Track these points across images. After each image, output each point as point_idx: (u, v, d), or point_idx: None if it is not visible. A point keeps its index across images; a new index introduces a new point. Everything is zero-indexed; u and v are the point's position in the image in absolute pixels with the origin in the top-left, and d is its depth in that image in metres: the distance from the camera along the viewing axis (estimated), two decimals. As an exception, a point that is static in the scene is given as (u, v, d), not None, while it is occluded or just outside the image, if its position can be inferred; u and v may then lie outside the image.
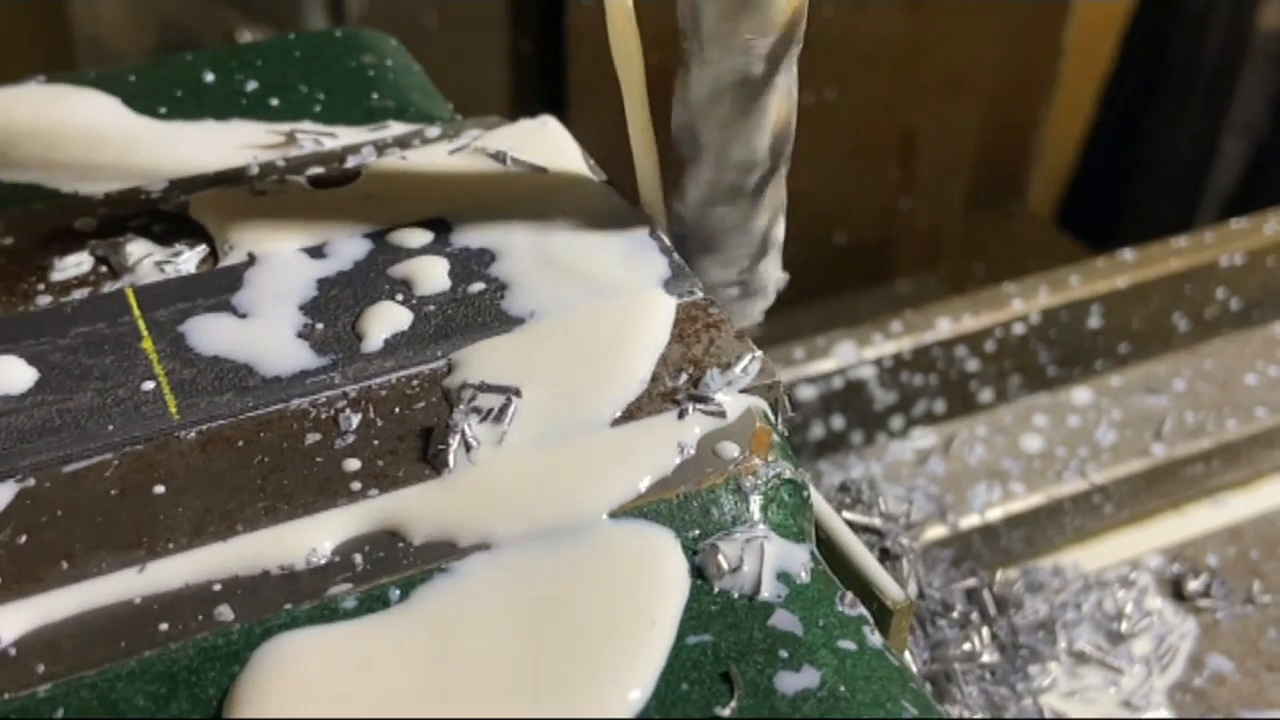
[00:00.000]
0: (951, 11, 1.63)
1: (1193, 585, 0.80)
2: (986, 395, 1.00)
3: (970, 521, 0.86)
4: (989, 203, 1.88)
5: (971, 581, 0.75)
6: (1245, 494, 0.92)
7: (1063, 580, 0.82)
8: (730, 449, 0.47)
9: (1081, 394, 0.95)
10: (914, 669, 0.63)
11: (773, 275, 0.60)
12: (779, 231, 0.58)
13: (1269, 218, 1.07)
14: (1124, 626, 0.77)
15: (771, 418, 0.50)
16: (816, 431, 0.97)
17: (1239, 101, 1.83)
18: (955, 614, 0.67)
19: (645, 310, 0.51)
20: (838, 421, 0.97)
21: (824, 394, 0.97)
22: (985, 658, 0.66)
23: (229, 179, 0.58)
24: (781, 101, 0.52)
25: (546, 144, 0.60)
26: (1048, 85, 1.82)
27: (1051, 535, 0.89)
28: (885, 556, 0.63)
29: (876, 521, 0.63)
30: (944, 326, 0.98)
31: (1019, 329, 1.00)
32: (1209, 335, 1.03)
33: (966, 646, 0.66)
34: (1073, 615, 0.77)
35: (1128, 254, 1.03)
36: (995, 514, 0.86)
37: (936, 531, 0.85)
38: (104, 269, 0.53)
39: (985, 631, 0.69)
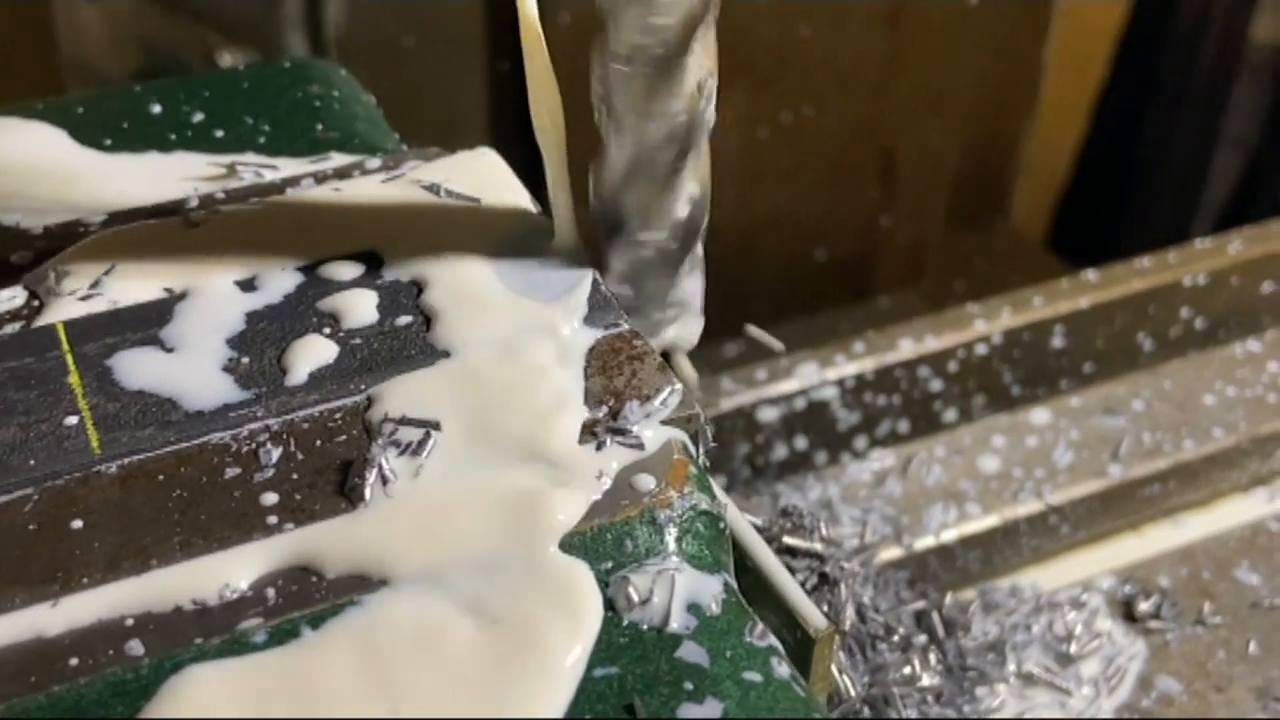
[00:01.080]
0: (930, 29, 1.63)
1: (1143, 606, 0.81)
2: (950, 416, 1.01)
3: (926, 543, 0.86)
4: (970, 219, 1.89)
5: (920, 604, 0.75)
6: (1203, 514, 0.92)
7: (1018, 601, 0.83)
8: (647, 481, 0.48)
9: (1040, 414, 0.95)
10: (853, 693, 0.64)
11: (696, 289, 0.60)
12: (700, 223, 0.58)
13: (1232, 238, 1.07)
14: (1073, 648, 0.78)
15: (691, 450, 0.50)
16: (780, 453, 0.98)
17: (1233, 114, 1.84)
18: (896, 637, 0.67)
19: (563, 343, 0.51)
20: (800, 443, 0.98)
21: (786, 415, 0.97)
22: (925, 680, 0.67)
23: (167, 211, 0.59)
24: (696, 69, 0.52)
25: (482, 175, 0.61)
26: (1028, 102, 1.83)
27: (1008, 556, 0.90)
28: (824, 581, 0.63)
29: (817, 546, 0.64)
30: (906, 347, 0.98)
31: (982, 349, 1.00)
32: (1173, 356, 1.04)
33: (906, 670, 0.66)
34: (1022, 637, 0.78)
35: (1091, 274, 1.04)
36: (951, 535, 0.87)
37: (892, 553, 0.85)
38: (36, 303, 0.54)
39: (932, 655, 0.70)
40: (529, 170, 0.65)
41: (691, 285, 0.60)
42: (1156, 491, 0.91)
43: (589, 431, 0.49)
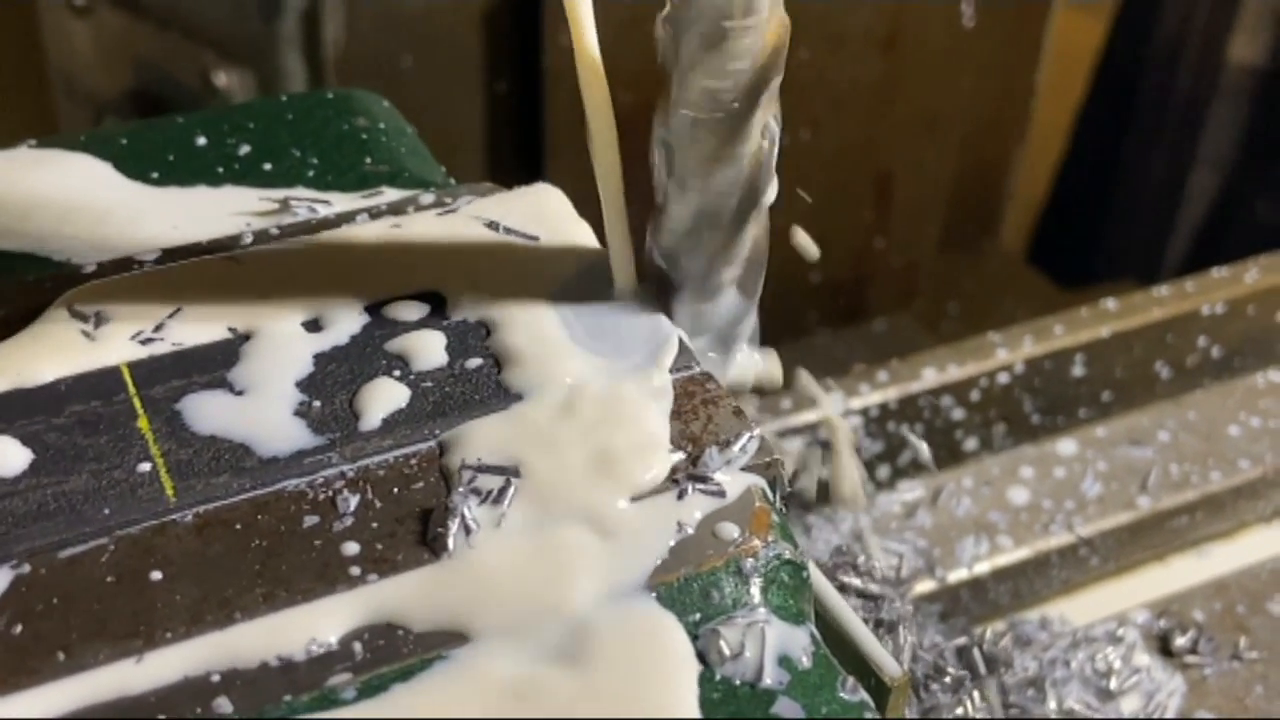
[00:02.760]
0: (925, 53, 1.64)
1: (1180, 641, 0.81)
2: (972, 444, 1.01)
3: (959, 575, 0.86)
4: (963, 242, 1.90)
5: (962, 640, 0.75)
6: (1229, 545, 0.93)
7: (1050, 635, 0.83)
8: (730, 530, 0.47)
9: (1067, 445, 0.95)
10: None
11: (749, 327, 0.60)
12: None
13: (1249, 266, 1.08)
14: (1113, 684, 0.78)
15: (770, 496, 0.50)
16: (804, 482, 0.97)
17: (1210, 135, 1.85)
18: (948, 678, 0.67)
19: (643, 387, 0.51)
20: (825, 473, 0.97)
21: (811, 444, 0.97)
22: (977, 721, 0.66)
23: (222, 248, 0.58)
24: (758, 137, 0.52)
25: (541, 211, 0.60)
26: (1021, 125, 1.84)
27: (1038, 588, 0.89)
28: (879, 625, 0.63)
29: (873, 587, 0.63)
30: (929, 376, 0.98)
31: (1003, 378, 1.00)
32: (1191, 384, 1.04)
33: (960, 711, 0.66)
34: (1062, 673, 0.77)
35: (1110, 303, 1.04)
36: (983, 568, 0.87)
37: (925, 586, 0.85)
38: (94, 343, 0.53)
39: (976, 695, 0.69)
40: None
41: (751, 323, 0.60)
42: (1184, 523, 0.92)
43: (669, 479, 0.48)
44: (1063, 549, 0.88)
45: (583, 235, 0.59)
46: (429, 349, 0.53)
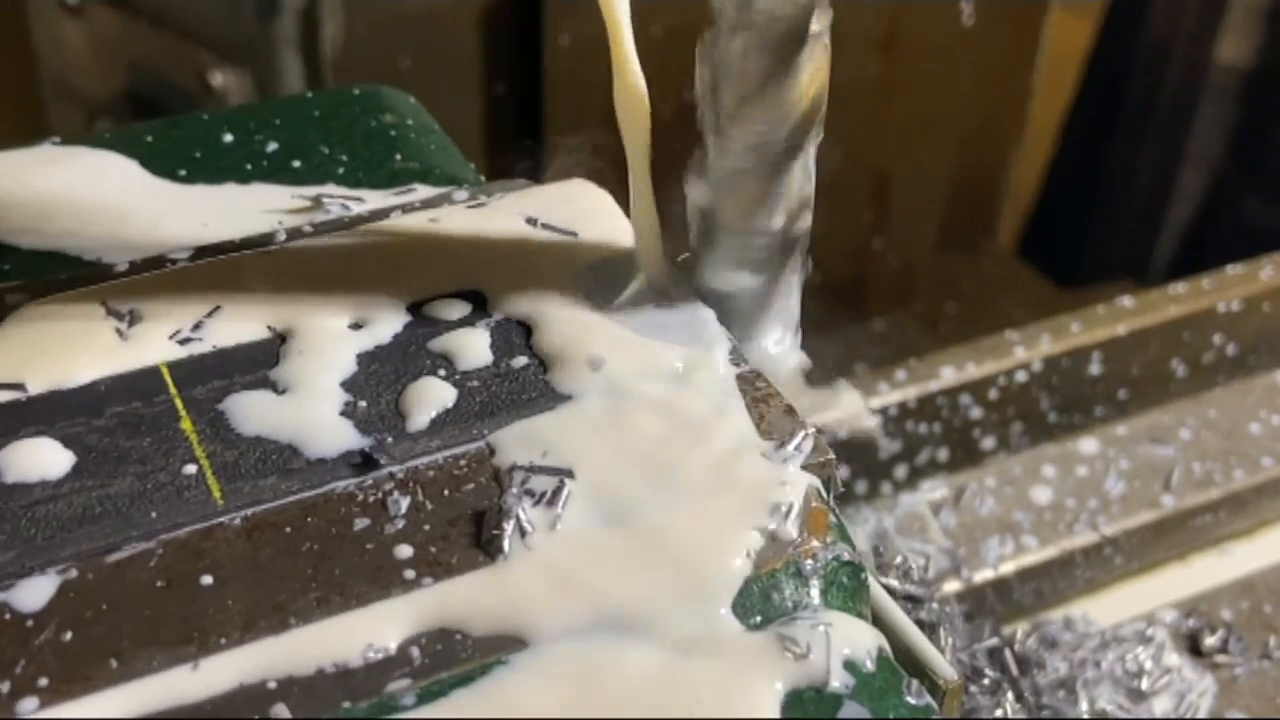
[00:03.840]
0: (922, 55, 1.64)
1: (1209, 641, 0.80)
2: (989, 443, 1.00)
3: (984, 575, 0.85)
4: (960, 241, 1.90)
5: (994, 641, 0.74)
6: (1251, 543, 0.92)
7: (1077, 635, 0.82)
8: (789, 530, 0.46)
9: (1089, 444, 0.95)
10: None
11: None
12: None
13: (1264, 264, 1.08)
14: (1144, 684, 0.77)
15: (825, 496, 0.49)
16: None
17: (1197, 135, 1.86)
18: (986, 680, 0.66)
19: (701, 383, 0.50)
20: (843, 472, 0.97)
21: (830, 444, 0.96)
22: (1016, 723, 0.66)
23: (255, 245, 0.57)
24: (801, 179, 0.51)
25: (580, 206, 0.59)
26: (1017, 125, 1.84)
27: (1063, 588, 0.89)
28: (919, 626, 0.62)
29: (911, 588, 0.63)
30: (948, 375, 0.98)
31: (1021, 376, 1.00)
32: (1208, 382, 1.04)
33: (999, 713, 0.65)
34: (1093, 674, 0.77)
35: (1127, 301, 1.04)
36: (1009, 568, 0.86)
37: (951, 586, 0.84)
38: (129, 342, 0.52)
39: (1010, 696, 0.69)
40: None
41: (792, 302, 0.59)
42: (1208, 521, 0.91)
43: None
44: (1087, 548, 0.88)
45: (623, 230, 0.58)
46: (473, 348, 0.52)
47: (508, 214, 0.58)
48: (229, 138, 0.65)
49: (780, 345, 0.56)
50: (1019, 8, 1.74)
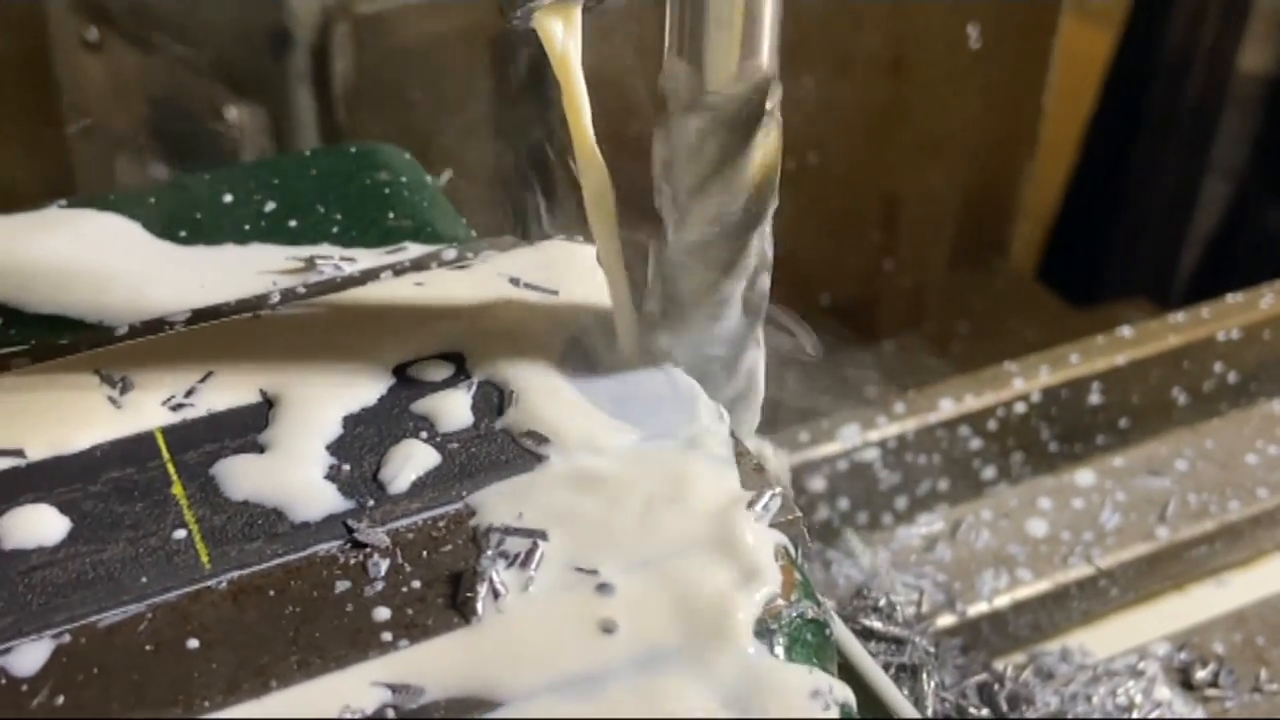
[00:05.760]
0: (931, 76, 1.65)
1: (1200, 675, 0.81)
2: (990, 474, 1.01)
3: (979, 609, 0.87)
4: (971, 261, 1.90)
5: (983, 677, 0.75)
6: (1247, 574, 0.93)
7: (1071, 668, 0.83)
8: (756, 590, 0.48)
9: (1085, 476, 0.96)
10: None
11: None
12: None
13: (1264, 292, 1.09)
14: (1135, 717, 0.78)
15: (792, 554, 0.50)
16: (822, 514, 0.98)
17: (1220, 145, 1.85)
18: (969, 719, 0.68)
19: (677, 447, 0.52)
20: (843, 504, 0.98)
21: (829, 477, 0.98)
22: (1000, 762, 0.67)
23: (250, 308, 0.59)
24: (759, 251, 0.53)
25: (561, 264, 0.61)
26: (1028, 145, 1.85)
27: (1058, 620, 0.90)
28: (902, 669, 0.64)
29: (895, 630, 0.64)
30: (946, 407, 0.99)
31: (1020, 408, 1.01)
32: (1208, 411, 1.05)
33: (982, 752, 0.66)
34: (1084, 708, 0.78)
35: (1126, 330, 1.05)
36: (1004, 601, 0.87)
37: (946, 620, 0.86)
38: (122, 410, 0.54)
39: (997, 733, 0.70)
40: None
41: (754, 360, 0.60)
42: (1204, 553, 0.92)
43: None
44: (1082, 581, 0.89)
45: (603, 288, 0.60)
46: (454, 409, 0.54)
47: (490, 275, 0.60)
48: (229, 198, 0.67)
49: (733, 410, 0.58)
50: (1026, 28, 1.75)
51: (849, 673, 0.52)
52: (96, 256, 0.62)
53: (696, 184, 0.49)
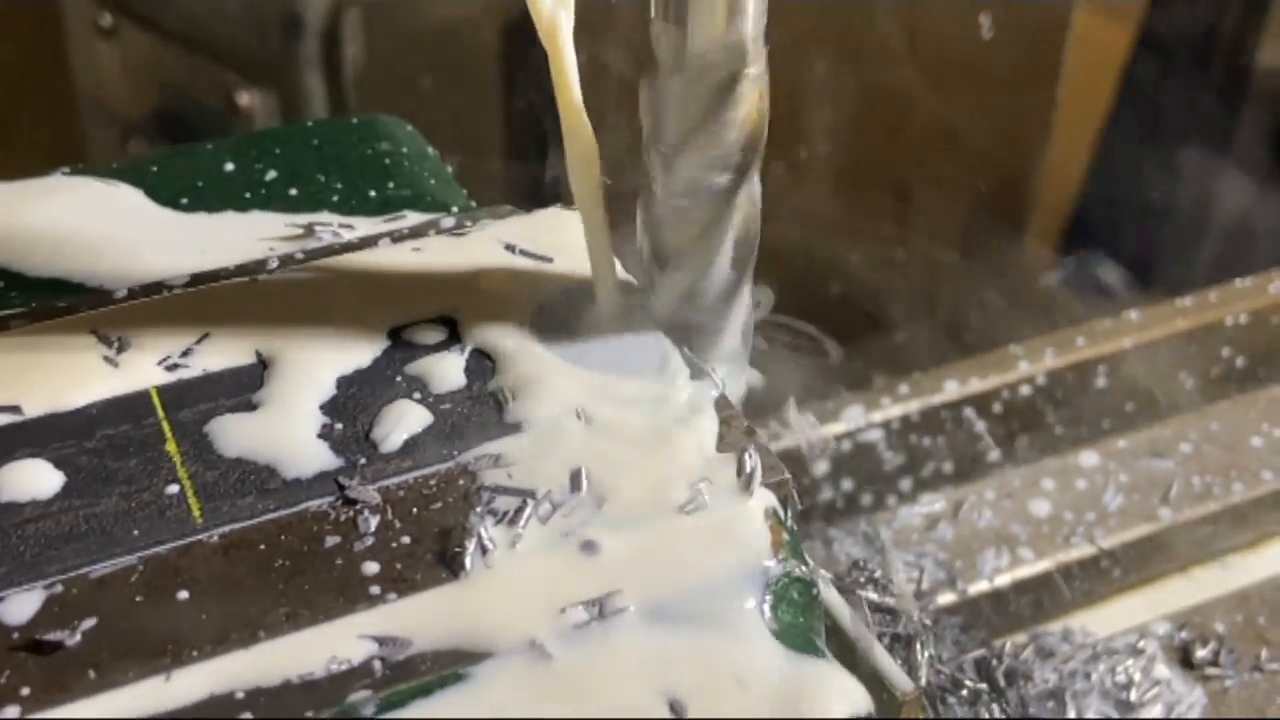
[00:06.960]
0: (945, 66, 1.65)
1: (1201, 654, 0.81)
2: (994, 456, 1.01)
3: (980, 588, 0.86)
4: (983, 253, 1.90)
5: (980, 652, 0.75)
6: (1251, 556, 0.93)
7: (1072, 647, 0.83)
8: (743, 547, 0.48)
9: (1089, 457, 0.96)
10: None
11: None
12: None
13: (1273, 277, 1.08)
14: (1133, 695, 0.78)
15: (781, 514, 0.50)
16: (826, 495, 0.98)
17: (1239, 140, 1.85)
18: (965, 691, 0.68)
19: (661, 408, 0.52)
20: (847, 485, 0.98)
21: (833, 457, 0.98)
22: (995, 734, 0.67)
23: (248, 273, 0.59)
24: (746, 209, 0.53)
25: (558, 233, 0.61)
26: (1042, 136, 1.84)
27: (1060, 600, 0.90)
28: (896, 639, 0.64)
29: (890, 601, 0.64)
30: (951, 389, 0.99)
31: (1026, 390, 1.01)
32: (1214, 395, 1.04)
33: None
34: (1082, 685, 0.78)
35: (1133, 314, 1.04)
36: (1004, 580, 0.87)
37: (946, 598, 0.86)
38: (120, 368, 0.54)
39: (995, 708, 0.70)
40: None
41: (740, 322, 0.60)
42: (1207, 534, 0.92)
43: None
44: (1084, 561, 0.89)
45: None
46: (447, 371, 0.54)
47: (487, 241, 0.60)
48: (230, 166, 0.68)
49: (728, 371, 0.58)
50: (1040, 19, 1.74)
51: (838, 635, 0.53)
52: (98, 223, 0.63)
53: (681, 139, 0.50)
